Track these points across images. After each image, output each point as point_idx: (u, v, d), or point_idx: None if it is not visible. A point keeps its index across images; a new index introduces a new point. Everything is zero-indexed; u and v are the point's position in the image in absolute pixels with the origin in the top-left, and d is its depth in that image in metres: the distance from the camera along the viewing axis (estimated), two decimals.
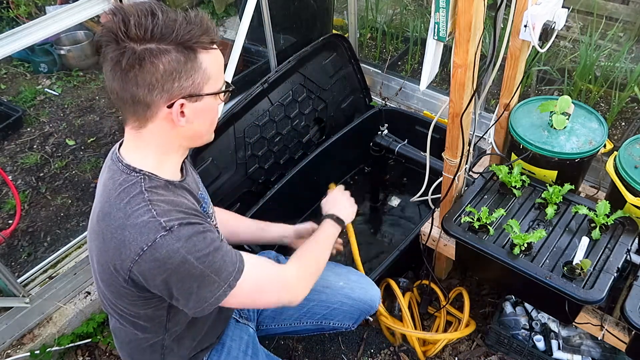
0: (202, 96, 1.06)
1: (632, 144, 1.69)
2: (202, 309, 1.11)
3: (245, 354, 1.45)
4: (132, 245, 1.02)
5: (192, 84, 1.03)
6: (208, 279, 1.07)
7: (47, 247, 2.52)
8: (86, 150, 3.13)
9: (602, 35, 2.85)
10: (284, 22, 2.67)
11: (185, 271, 1.04)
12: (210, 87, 1.07)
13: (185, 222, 1.05)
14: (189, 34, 0.99)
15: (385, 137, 2.33)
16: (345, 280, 1.60)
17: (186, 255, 1.03)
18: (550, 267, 1.54)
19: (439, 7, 1.31)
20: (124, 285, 1.08)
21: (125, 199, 1.06)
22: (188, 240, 1.04)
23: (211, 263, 1.07)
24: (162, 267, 1.02)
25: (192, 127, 1.09)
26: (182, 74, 1.01)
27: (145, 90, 1.00)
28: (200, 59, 1.02)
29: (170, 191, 1.11)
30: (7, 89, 3.69)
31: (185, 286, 1.06)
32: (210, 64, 1.05)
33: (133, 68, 0.97)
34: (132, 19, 0.96)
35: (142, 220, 1.03)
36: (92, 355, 2.11)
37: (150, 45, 0.97)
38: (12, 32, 1.60)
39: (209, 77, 1.05)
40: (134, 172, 1.08)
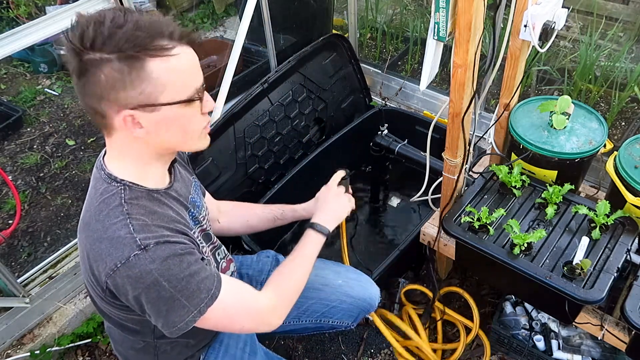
0: (157, 106, 0.99)
1: (632, 144, 1.69)
2: (171, 332, 1.08)
3: (243, 351, 1.44)
4: (107, 259, 1.01)
5: (142, 93, 0.97)
6: (178, 303, 1.04)
7: (47, 247, 2.52)
8: (86, 150, 3.13)
9: (602, 35, 2.85)
10: (284, 22, 2.68)
11: (155, 293, 1.01)
12: (168, 96, 0.99)
13: (163, 240, 1.03)
14: (133, 42, 0.93)
15: (385, 137, 2.33)
16: (344, 278, 1.60)
17: (158, 277, 1.00)
18: (550, 267, 1.54)
19: (439, 7, 1.31)
20: (104, 294, 1.07)
21: (104, 211, 1.05)
22: (163, 263, 1.01)
23: (184, 288, 1.03)
24: (133, 285, 1.00)
25: (159, 136, 1.04)
26: (127, 84, 0.95)
27: (94, 100, 0.98)
28: (149, 67, 0.95)
29: (153, 201, 1.09)
30: (7, 89, 3.69)
31: (155, 307, 1.04)
32: (165, 72, 0.97)
33: (81, 77, 0.96)
34: (80, 29, 0.93)
35: (119, 235, 1.01)
36: (92, 355, 2.11)
37: (93, 55, 0.93)
38: (12, 32, 1.60)
39: (164, 85, 0.97)
40: (115, 182, 1.07)
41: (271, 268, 1.62)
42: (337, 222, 1.50)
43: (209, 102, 1.08)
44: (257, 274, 1.61)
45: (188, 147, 1.11)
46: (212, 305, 1.09)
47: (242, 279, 1.60)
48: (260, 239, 1.97)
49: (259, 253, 1.70)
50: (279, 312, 1.26)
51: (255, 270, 1.62)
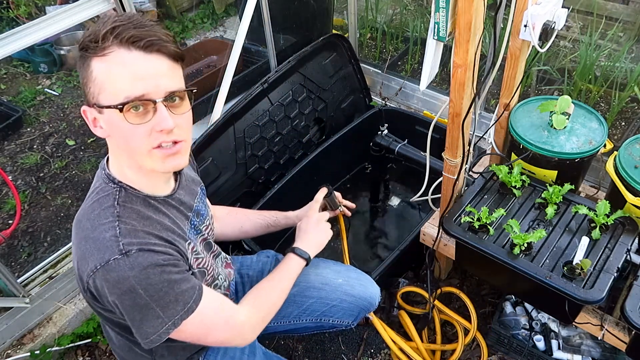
0: (101, 108, 0.98)
1: (632, 143, 1.69)
2: (145, 344, 1.06)
3: (242, 352, 1.44)
4: (90, 260, 1.00)
5: (89, 92, 0.99)
6: (152, 313, 1.02)
7: (47, 247, 2.52)
8: (86, 150, 3.13)
9: (602, 35, 2.85)
10: (284, 22, 2.68)
11: (130, 299, 1.00)
12: (105, 98, 0.97)
13: (147, 248, 1.01)
14: (82, 38, 0.97)
15: (385, 137, 2.33)
16: (344, 277, 1.60)
17: (135, 285, 0.98)
18: (550, 267, 1.54)
19: (439, 7, 1.31)
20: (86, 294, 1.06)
21: (96, 210, 1.05)
22: (142, 271, 0.99)
23: (160, 298, 1.01)
24: (110, 289, 0.99)
25: (114, 140, 1.06)
26: (84, 81, 0.99)
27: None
28: (92, 66, 0.96)
29: (149, 207, 1.08)
30: (7, 89, 3.69)
31: (130, 315, 1.03)
32: (101, 73, 0.96)
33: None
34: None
35: (104, 237, 1.00)
36: (92, 356, 2.11)
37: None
38: (12, 32, 1.60)
39: (101, 87, 0.97)
40: (112, 183, 1.07)
41: (271, 268, 1.61)
42: (318, 248, 1.49)
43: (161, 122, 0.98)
44: (257, 274, 1.61)
45: (140, 162, 1.04)
46: (188, 319, 1.07)
47: (243, 279, 1.60)
48: (260, 238, 1.97)
49: (259, 253, 1.70)
50: (255, 328, 1.25)
51: (255, 270, 1.62)
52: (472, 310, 1.94)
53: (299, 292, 1.56)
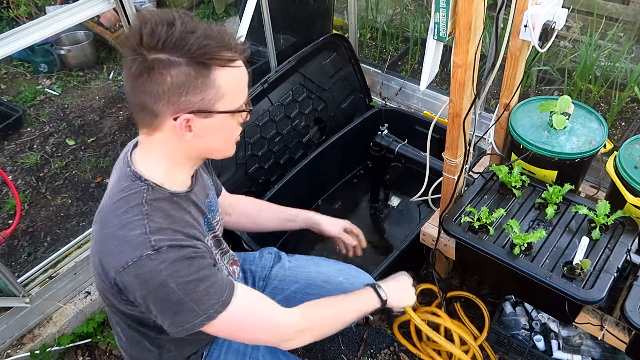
0: (212, 113, 1.03)
1: (632, 144, 1.69)
2: (177, 332, 1.08)
3: (246, 345, 1.44)
4: (119, 256, 1.02)
5: (202, 99, 1.00)
6: (186, 307, 1.04)
7: (47, 247, 2.52)
8: (86, 150, 3.13)
9: (602, 35, 2.85)
10: (284, 22, 2.67)
11: (163, 294, 1.02)
12: (224, 105, 1.03)
13: (177, 244, 1.03)
14: (203, 49, 0.96)
15: (385, 137, 2.33)
16: (345, 275, 1.61)
17: (167, 279, 1.00)
18: (550, 267, 1.54)
19: (439, 7, 1.31)
20: (110, 288, 1.08)
21: (123, 207, 1.05)
22: (172, 264, 1.01)
23: (191, 292, 1.03)
24: (142, 284, 1.01)
25: (202, 142, 1.07)
26: (191, 89, 0.98)
27: (151, 100, 0.99)
28: (214, 75, 0.99)
29: (173, 204, 1.10)
30: (7, 89, 3.69)
31: (162, 309, 1.05)
32: (226, 82, 1.01)
33: (141, 76, 0.97)
34: (148, 26, 0.95)
35: (133, 234, 1.02)
36: (92, 355, 2.11)
37: (161, 55, 0.95)
38: (12, 32, 1.60)
39: (223, 94, 1.02)
40: (139, 181, 1.08)
41: (273, 264, 1.63)
42: (397, 303, 1.46)
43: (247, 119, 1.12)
44: (259, 269, 1.62)
45: (222, 154, 1.15)
46: (223, 312, 1.08)
47: (245, 274, 1.61)
48: (260, 238, 1.97)
49: (261, 250, 1.70)
50: (304, 334, 1.23)
51: (258, 266, 1.63)
52: (486, 317, 1.95)
53: (299, 289, 1.57)
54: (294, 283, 1.58)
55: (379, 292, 1.41)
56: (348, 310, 1.34)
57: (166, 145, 1.07)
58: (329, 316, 1.31)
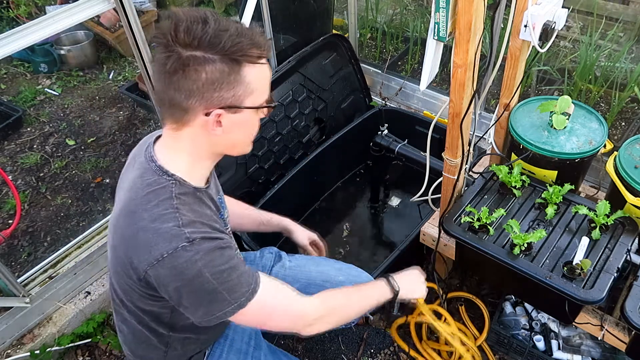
0: (241, 109, 1.06)
1: (632, 144, 1.69)
2: (209, 321, 1.11)
3: (248, 345, 1.46)
4: (153, 249, 1.03)
5: (233, 95, 1.03)
6: (220, 296, 1.07)
7: (47, 247, 2.52)
8: (86, 150, 3.13)
9: (602, 35, 2.85)
10: (284, 22, 2.67)
11: (198, 284, 1.05)
12: (252, 100, 1.07)
13: (208, 236, 1.07)
14: (236, 46, 0.99)
15: (385, 137, 2.33)
16: (345, 275, 1.61)
17: (202, 268, 1.03)
18: (550, 267, 1.54)
19: (439, 7, 1.31)
20: (137, 283, 1.10)
21: (153, 201, 1.07)
22: (207, 255, 1.04)
23: (225, 280, 1.07)
24: (177, 276, 1.03)
25: (229, 137, 1.10)
26: (224, 85, 1.01)
27: (184, 96, 1.01)
28: (244, 72, 1.02)
29: (196, 199, 1.12)
30: (7, 89, 3.69)
31: (196, 298, 1.07)
32: (255, 78, 1.05)
33: (176, 72, 0.99)
34: (183, 24, 0.96)
35: (167, 227, 1.04)
36: (92, 355, 2.11)
37: (197, 52, 0.97)
38: (12, 32, 1.60)
39: (252, 91, 1.05)
40: (166, 175, 1.09)
41: (274, 264, 1.64)
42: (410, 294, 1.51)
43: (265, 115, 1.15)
44: (260, 269, 1.62)
45: (243, 150, 1.18)
46: (252, 300, 1.12)
47: None
48: (261, 237, 1.97)
49: (261, 249, 1.71)
50: (320, 322, 1.27)
51: (259, 265, 1.64)
52: (486, 316, 1.95)
53: (300, 288, 1.56)
54: (295, 282, 1.59)
55: (391, 282, 1.46)
56: (364, 299, 1.39)
57: (193, 140, 1.09)
58: (346, 304, 1.35)
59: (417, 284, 1.55)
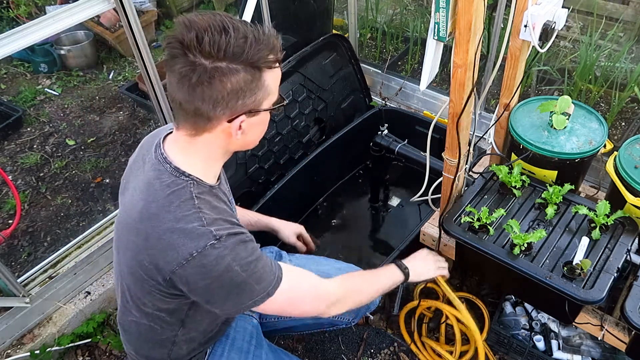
0: (260, 111, 1.09)
1: (632, 144, 1.69)
2: (237, 311, 1.16)
3: (249, 343, 1.47)
4: (181, 249, 1.05)
5: (254, 100, 1.06)
6: (249, 287, 1.10)
7: (47, 247, 2.52)
8: (86, 150, 3.13)
9: (602, 35, 2.85)
10: (284, 22, 2.67)
11: (228, 278, 1.07)
12: (269, 102, 1.10)
13: (233, 231, 1.09)
14: (257, 55, 1.00)
15: (385, 137, 2.33)
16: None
17: (231, 262, 1.06)
18: (550, 267, 1.54)
19: (439, 7, 1.31)
20: (160, 283, 1.11)
21: (175, 202, 1.08)
22: (234, 249, 1.07)
23: (253, 271, 1.10)
24: (207, 273, 1.05)
25: (245, 138, 1.13)
26: (247, 92, 1.03)
27: (210, 106, 1.02)
28: (264, 77, 1.04)
29: (213, 196, 1.14)
30: (7, 89, 3.69)
31: (226, 292, 1.10)
32: (272, 81, 1.07)
33: (202, 84, 0.99)
34: (207, 36, 0.96)
35: (193, 227, 1.05)
36: (92, 355, 2.11)
37: (221, 63, 0.98)
38: (12, 32, 1.60)
39: (269, 93, 1.08)
40: (183, 176, 1.11)
41: None
42: (419, 277, 1.61)
43: None
44: None
45: (254, 145, 1.20)
46: (279, 287, 1.15)
47: None
48: (261, 237, 1.97)
49: (262, 249, 1.70)
50: (340, 304, 1.34)
51: None
52: (486, 316, 1.95)
53: None
54: None
55: (401, 267, 1.54)
56: (378, 283, 1.47)
57: (210, 144, 1.11)
58: (362, 286, 1.43)
59: (427, 266, 1.63)
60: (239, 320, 1.51)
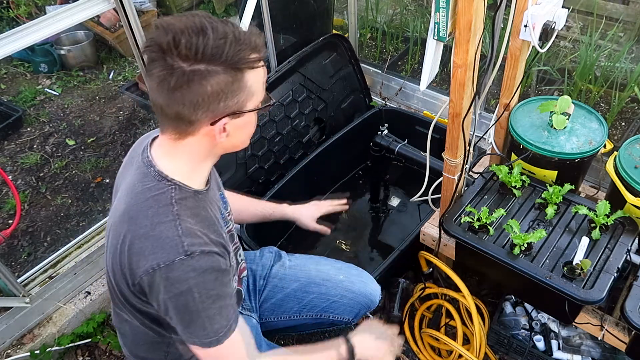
0: (244, 113, 1.06)
1: (632, 144, 1.69)
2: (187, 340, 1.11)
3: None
4: (150, 257, 1.03)
5: (237, 102, 1.03)
6: (200, 322, 1.06)
7: (47, 247, 2.52)
8: (86, 150, 3.13)
9: (602, 35, 2.85)
10: (284, 22, 2.67)
11: (184, 301, 1.04)
12: (253, 103, 1.07)
13: (208, 250, 1.05)
14: (238, 55, 0.97)
15: (385, 137, 2.33)
16: (345, 273, 1.62)
17: (193, 287, 1.03)
18: (550, 267, 1.54)
19: (439, 7, 1.31)
20: (132, 286, 1.10)
21: (153, 207, 1.06)
22: (201, 274, 1.03)
23: (208, 307, 1.06)
24: (168, 287, 1.03)
25: (231, 140, 1.10)
26: (229, 94, 1.00)
27: (190, 109, 1.00)
28: (246, 78, 1.01)
29: (198, 202, 1.12)
30: (7, 89, 3.69)
31: (179, 315, 1.07)
32: (255, 81, 1.04)
33: (181, 88, 0.96)
34: (184, 38, 0.93)
35: (166, 236, 1.03)
36: (92, 355, 2.11)
37: (200, 66, 0.95)
38: (12, 32, 1.60)
39: (253, 94, 1.05)
40: (165, 180, 1.08)
41: (273, 263, 1.64)
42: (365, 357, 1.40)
43: None
44: (260, 268, 1.63)
45: (242, 147, 1.16)
46: (228, 338, 1.10)
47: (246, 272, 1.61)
48: (261, 237, 1.97)
49: (261, 249, 1.71)
50: None
51: (258, 265, 1.64)
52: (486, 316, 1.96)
53: (299, 287, 1.58)
54: (295, 281, 1.59)
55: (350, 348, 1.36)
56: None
57: (194, 147, 1.09)
58: None
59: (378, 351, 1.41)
60: None
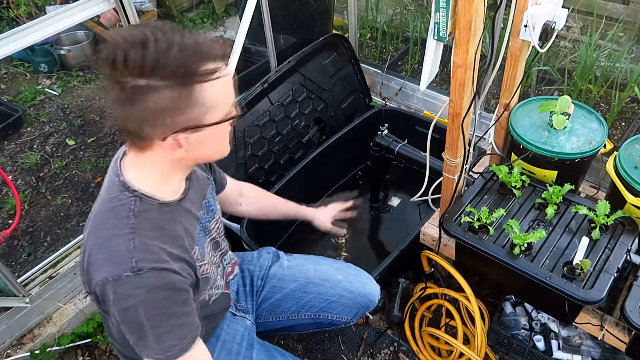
0: (202, 127, 0.99)
1: (632, 144, 1.69)
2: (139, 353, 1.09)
3: (240, 345, 1.45)
4: (102, 269, 1.02)
5: (188, 118, 0.96)
6: (147, 339, 1.04)
7: (47, 247, 2.52)
8: (86, 150, 3.13)
9: (602, 35, 2.85)
10: (284, 22, 2.67)
11: (131, 317, 1.02)
12: (214, 116, 1.00)
13: (160, 267, 1.02)
14: (182, 68, 0.90)
15: (385, 137, 2.33)
16: (344, 273, 1.61)
17: (138, 305, 1.00)
18: (550, 267, 1.54)
19: (439, 7, 1.31)
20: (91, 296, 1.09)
21: (111, 219, 1.04)
22: (149, 292, 1.01)
23: (156, 325, 1.03)
24: (116, 301, 1.01)
25: (197, 152, 1.05)
26: (175, 111, 0.94)
27: (136, 125, 0.96)
28: (197, 92, 0.94)
29: (164, 214, 1.09)
30: (7, 89, 3.69)
31: (129, 329, 1.05)
32: (212, 95, 0.96)
33: (124, 103, 0.93)
34: (120, 52, 0.88)
35: (118, 250, 1.01)
36: (92, 355, 2.11)
37: (140, 81, 0.90)
38: (12, 32, 1.60)
39: (211, 107, 0.98)
40: (127, 192, 1.06)
41: (271, 264, 1.64)
42: None
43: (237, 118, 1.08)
44: (257, 269, 1.63)
45: (219, 157, 1.11)
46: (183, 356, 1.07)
47: (243, 274, 1.62)
48: (260, 237, 1.97)
49: (259, 250, 1.71)
50: None
51: (256, 265, 1.63)
52: (486, 317, 1.95)
53: (298, 287, 1.57)
54: (293, 282, 1.59)
55: None
56: None
57: (156, 159, 1.06)
58: None
59: None
60: (231, 322, 1.49)
